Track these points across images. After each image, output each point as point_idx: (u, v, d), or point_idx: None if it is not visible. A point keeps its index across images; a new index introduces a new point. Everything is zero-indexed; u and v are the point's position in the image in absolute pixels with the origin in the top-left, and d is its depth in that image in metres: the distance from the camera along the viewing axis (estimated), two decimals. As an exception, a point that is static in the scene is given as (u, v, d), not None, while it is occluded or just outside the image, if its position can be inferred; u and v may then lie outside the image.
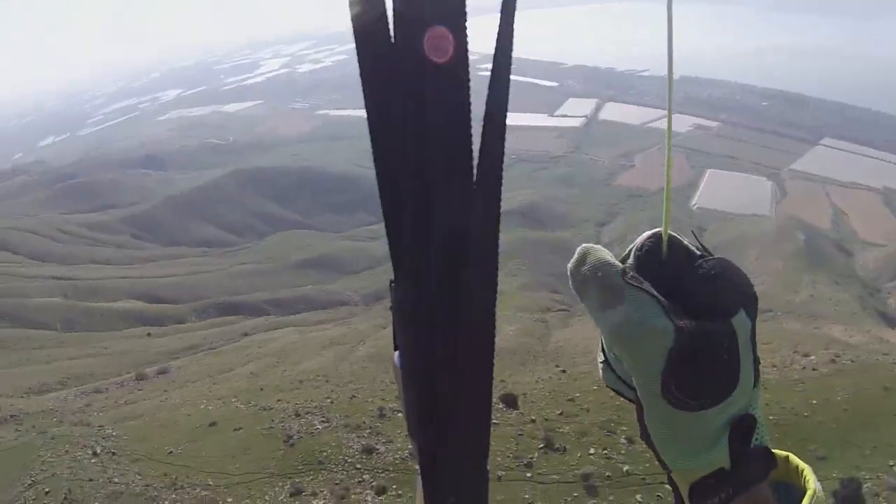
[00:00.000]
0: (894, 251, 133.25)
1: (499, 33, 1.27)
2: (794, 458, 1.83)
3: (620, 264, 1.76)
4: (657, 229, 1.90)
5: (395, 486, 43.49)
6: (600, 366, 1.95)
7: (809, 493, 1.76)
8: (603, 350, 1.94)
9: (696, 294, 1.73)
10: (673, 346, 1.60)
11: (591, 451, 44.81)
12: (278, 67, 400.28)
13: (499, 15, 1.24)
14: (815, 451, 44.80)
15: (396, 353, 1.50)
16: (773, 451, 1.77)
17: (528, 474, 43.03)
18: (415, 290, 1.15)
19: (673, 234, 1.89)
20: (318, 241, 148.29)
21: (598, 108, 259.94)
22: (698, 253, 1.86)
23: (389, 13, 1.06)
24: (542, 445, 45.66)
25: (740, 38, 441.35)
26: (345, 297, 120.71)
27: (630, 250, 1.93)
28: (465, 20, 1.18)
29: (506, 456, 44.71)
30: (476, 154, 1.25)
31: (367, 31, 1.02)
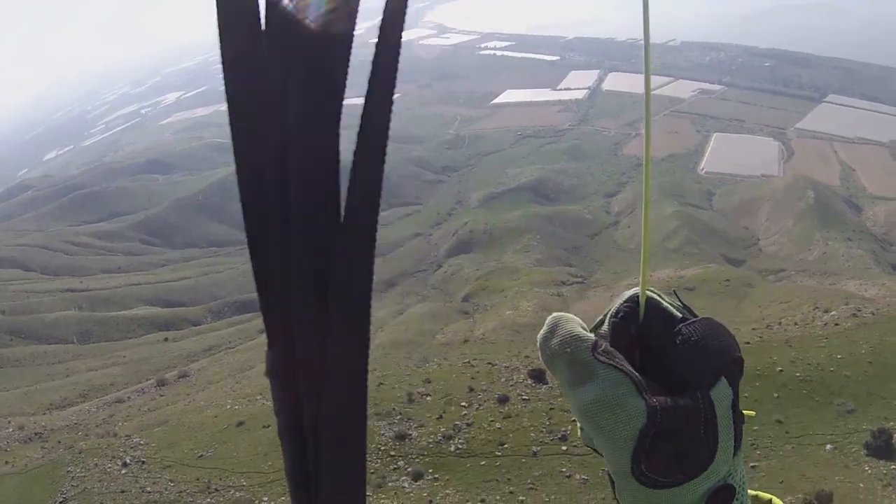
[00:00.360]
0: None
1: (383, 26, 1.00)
2: (777, 502, 1.82)
3: (592, 336, 1.67)
4: (634, 290, 1.82)
5: (430, 471, 43.54)
6: (579, 427, 1.81)
7: None
8: None
9: (673, 364, 1.65)
10: (644, 425, 1.53)
11: (624, 420, 44.65)
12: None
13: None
14: (843, 404, 45.11)
15: None
16: (756, 493, 1.77)
17: (564, 447, 43.22)
18: (281, 357, 1.08)
19: (653, 293, 1.81)
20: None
21: (601, 79, 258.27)
22: (679, 316, 1.76)
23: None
24: (574, 418, 45.49)
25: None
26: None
27: (606, 314, 1.86)
28: (353, 21, 0.98)
29: (539, 431, 44.90)
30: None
31: (232, 21, 0.87)
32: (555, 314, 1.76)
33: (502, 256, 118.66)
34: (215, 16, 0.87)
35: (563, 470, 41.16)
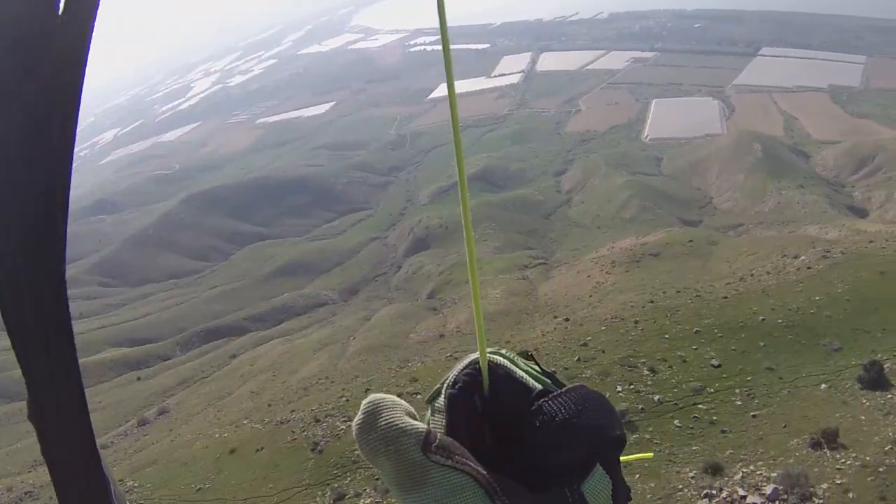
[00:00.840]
0: (851, 145, 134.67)
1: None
2: None
3: (421, 427, 1.31)
4: (476, 354, 1.55)
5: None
6: None
7: None
8: None
9: (535, 450, 1.36)
10: None
11: (619, 388, 44.88)
12: (210, 86, 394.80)
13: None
14: (829, 343, 45.51)
15: None
16: None
17: (564, 425, 42.87)
18: (31, 400, 1.07)
19: (502, 358, 1.53)
20: (283, 249, 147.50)
21: (534, 61, 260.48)
22: (538, 387, 1.47)
23: None
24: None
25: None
26: (322, 298, 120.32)
27: (443, 383, 1.58)
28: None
29: (539, 410, 44.63)
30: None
31: None
32: (372, 397, 1.36)
33: (461, 249, 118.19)
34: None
35: (571, 444, 40.73)
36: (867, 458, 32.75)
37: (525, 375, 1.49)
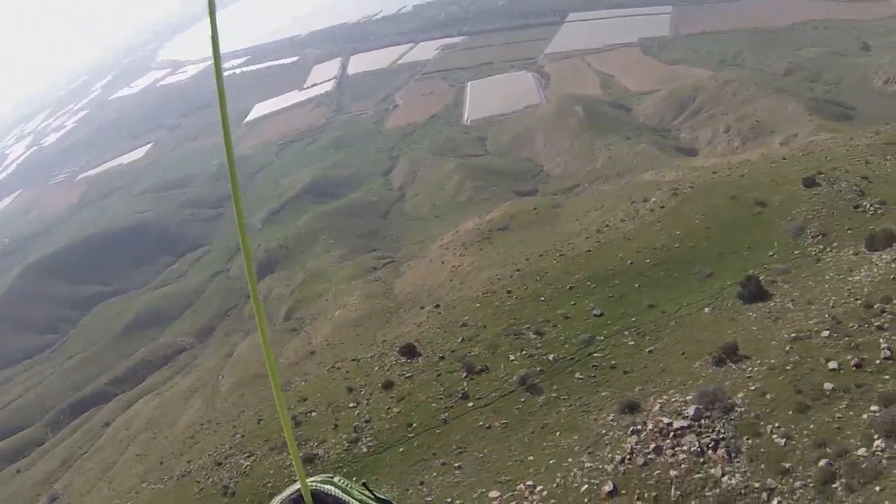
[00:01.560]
0: (668, 92, 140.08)
1: None
2: None
3: None
4: (298, 485, 1.57)
5: (355, 479, 41.99)
6: None
7: None
8: None
9: None
10: None
11: (512, 357, 45.07)
12: (24, 150, 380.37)
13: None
14: (700, 271, 47.35)
15: None
16: None
17: (470, 404, 43.05)
18: None
19: (329, 486, 1.56)
20: (129, 303, 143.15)
21: (345, 65, 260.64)
22: None
23: None
24: (465, 374, 45.77)
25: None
26: (179, 345, 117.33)
27: None
28: None
29: (438, 398, 44.49)
30: None
31: None
32: None
33: (306, 264, 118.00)
34: None
35: (481, 423, 40.98)
36: (772, 361, 34.01)
37: (352, 498, 1.53)
